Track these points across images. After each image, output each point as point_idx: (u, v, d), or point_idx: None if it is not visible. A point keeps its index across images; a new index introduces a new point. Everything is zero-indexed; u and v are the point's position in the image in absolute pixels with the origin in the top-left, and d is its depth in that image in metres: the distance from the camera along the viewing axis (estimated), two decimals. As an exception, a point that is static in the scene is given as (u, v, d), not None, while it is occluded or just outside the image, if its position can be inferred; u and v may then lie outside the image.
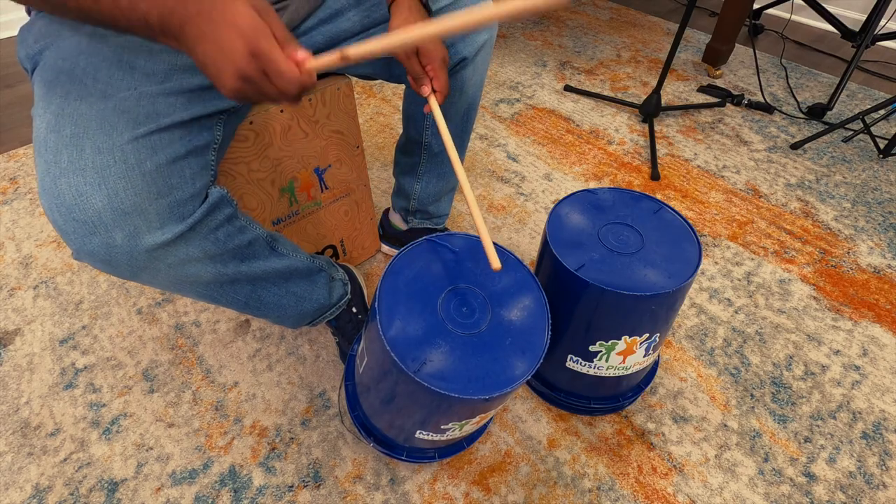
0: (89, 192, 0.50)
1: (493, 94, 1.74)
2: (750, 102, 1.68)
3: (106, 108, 0.53)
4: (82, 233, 0.51)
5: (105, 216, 0.50)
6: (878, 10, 1.47)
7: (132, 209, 0.51)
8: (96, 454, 0.85)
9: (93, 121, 0.52)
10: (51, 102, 0.54)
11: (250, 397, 0.92)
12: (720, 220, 1.28)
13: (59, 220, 0.51)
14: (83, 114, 0.52)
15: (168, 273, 0.57)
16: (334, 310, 0.87)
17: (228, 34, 0.44)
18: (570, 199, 0.79)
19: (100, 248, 0.51)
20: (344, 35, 0.74)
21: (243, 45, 0.44)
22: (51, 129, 0.52)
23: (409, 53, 0.65)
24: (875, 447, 0.87)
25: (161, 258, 0.55)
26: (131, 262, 0.53)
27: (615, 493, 0.81)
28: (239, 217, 0.64)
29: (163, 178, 0.54)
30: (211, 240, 0.59)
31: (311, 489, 0.81)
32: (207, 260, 0.59)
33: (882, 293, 1.11)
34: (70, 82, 0.54)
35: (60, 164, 0.50)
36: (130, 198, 0.51)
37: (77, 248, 0.52)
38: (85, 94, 0.53)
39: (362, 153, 0.96)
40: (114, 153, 0.51)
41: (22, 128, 1.56)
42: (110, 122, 0.52)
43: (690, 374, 0.96)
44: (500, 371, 0.60)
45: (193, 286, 0.62)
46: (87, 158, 0.51)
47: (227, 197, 0.61)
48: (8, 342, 1.01)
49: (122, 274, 0.55)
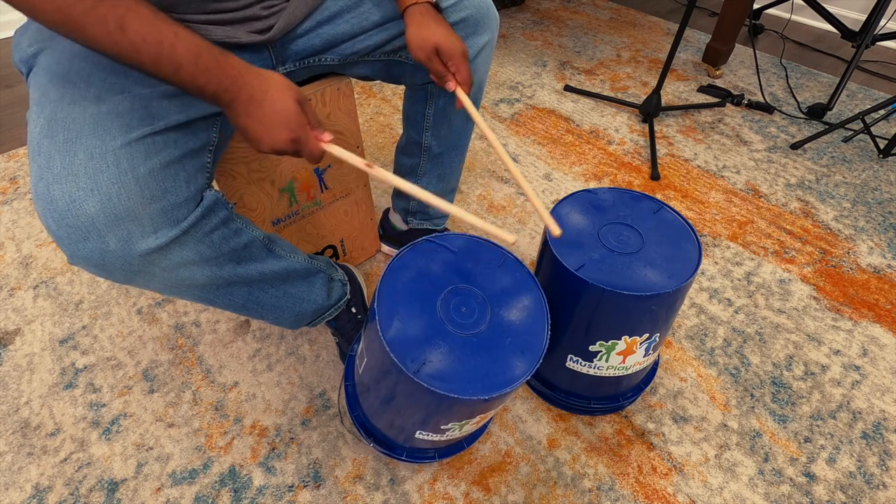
0: (82, 198, 0.50)
1: (493, 94, 1.74)
2: (750, 102, 1.68)
3: (99, 112, 0.53)
4: (76, 238, 0.51)
5: (98, 222, 0.50)
6: (878, 10, 1.47)
7: (125, 214, 0.51)
8: (96, 454, 0.85)
9: (86, 125, 0.52)
10: (44, 107, 0.53)
11: (250, 397, 0.92)
12: (720, 220, 1.28)
13: (53, 226, 0.51)
14: (76, 118, 0.52)
15: (163, 277, 0.57)
16: (333, 310, 0.87)
17: (274, 123, 0.55)
18: (570, 199, 0.79)
19: (93, 254, 0.51)
20: (340, 38, 0.74)
21: (287, 133, 0.56)
22: (44, 134, 0.52)
23: (430, 55, 0.69)
24: (875, 447, 0.87)
25: (155, 262, 0.54)
26: (125, 266, 0.53)
27: (615, 493, 0.81)
28: (235, 220, 0.63)
29: (157, 183, 0.54)
30: (206, 243, 0.58)
31: (311, 489, 0.81)
32: (203, 263, 0.59)
33: (882, 293, 1.11)
34: (64, 86, 0.54)
35: (53, 170, 0.50)
36: (124, 203, 0.51)
37: (71, 254, 0.52)
38: (78, 99, 0.53)
39: (362, 153, 0.96)
40: (106, 158, 0.51)
41: (22, 128, 1.56)
42: (104, 126, 0.52)
43: (690, 374, 0.96)
44: (500, 371, 0.60)
45: (189, 289, 0.61)
46: (80, 164, 0.50)
47: (222, 200, 0.61)
48: (8, 342, 1.01)
49: (117, 278, 0.55)
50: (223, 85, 0.53)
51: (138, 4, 0.48)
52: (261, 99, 0.55)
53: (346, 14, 0.74)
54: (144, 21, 0.48)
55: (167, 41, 0.49)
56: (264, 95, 0.55)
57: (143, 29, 0.48)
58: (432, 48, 0.69)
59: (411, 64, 0.79)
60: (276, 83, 0.56)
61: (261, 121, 0.55)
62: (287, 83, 0.57)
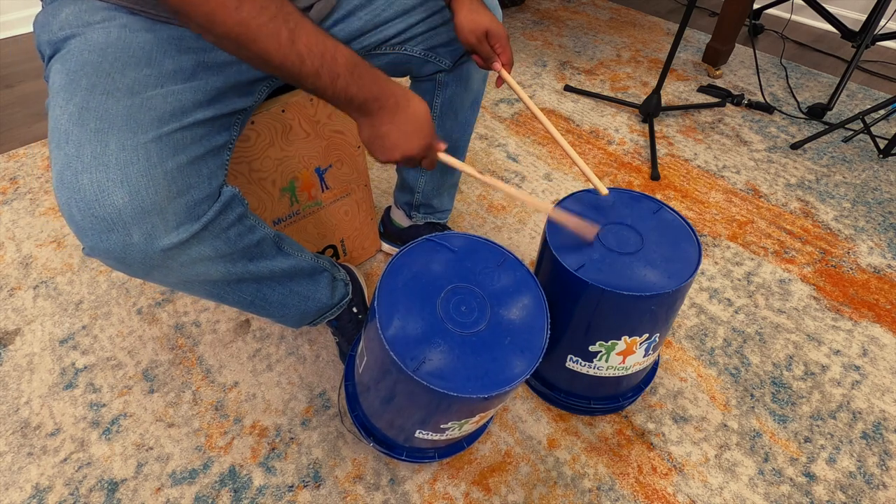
0: (111, 189, 0.50)
1: (494, 94, 1.74)
2: (750, 102, 1.68)
3: (132, 104, 0.53)
4: (99, 229, 0.50)
5: (125, 214, 0.50)
6: (878, 10, 1.47)
7: (152, 208, 0.51)
8: (96, 454, 0.85)
9: (119, 117, 0.52)
10: (74, 94, 0.53)
11: (250, 397, 0.92)
12: (720, 220, 1.28)
13: (77, 216, 0.50)
14: (109, 109, 0.52)
15: (180, 272, 0.57)
16: (336, 310, 0.87)
17: (414, 129, 0.61)
18: (570, 199, 0.79)
19: (116, 246, 0.51)
20: (356, 34, 0.75)
21: (422, 139, 0.62)
22: (74, 121, 0.51)
23: (481, 38, 0.74)
24: (875, 447, 0.87)
25: (174, 257, 0.55)
26: (145, 260, 0.53)
27: (615, 493, 0.81)
28: (249, 216, 0.64)
29: (182, 178, 0.54)
30: (223, 239, 0.59)
31: (311, 489, 0.81)
32: (218, 259, 0.59)
33: (882, 293, 1.11)
34: (96, 75, 0.54)
35: (83, 159, 0.50)
36: (151, 196, 0.51)
37: (91, 245, 0.52)
38: (112, 89, 0.53)
39: (363, 153, 0.96)
40: (137, 151, 0.51)
41: (22, 128, 1.57)
42: (136, 119, 0.52)
43: (690, 374, 0.96)
44: (499, 370, 0.60)
45: (202, 285, 0.62)
46: (111, 154, 0.50)
47: (239, 196, 0.61)
48: (8, 342, 1.01)
49: (135, 272, 0.55)
50: (374, 93, 0.57)
51: (304, 19, 0.52)
52: (405, 107, 0.60)
53: (359, 11, 0.74)
54: (311, 34, 0.52)
55: (329, 53, 0.53)
56: (407, 104, 0.60)
57: (310, 41, 0.52)
58: (483, 32, 0.73)
59: (418, 56, 0.80)
60: (413, 94, 0.61)
61: (401, 127, 0.60)
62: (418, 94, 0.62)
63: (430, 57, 0.80)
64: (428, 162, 0.66)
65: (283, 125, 0.80)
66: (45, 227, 1.24)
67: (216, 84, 0.60)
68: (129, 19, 0.57)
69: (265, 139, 0.79)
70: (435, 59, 0.81)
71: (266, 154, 0.81)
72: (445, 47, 0.80)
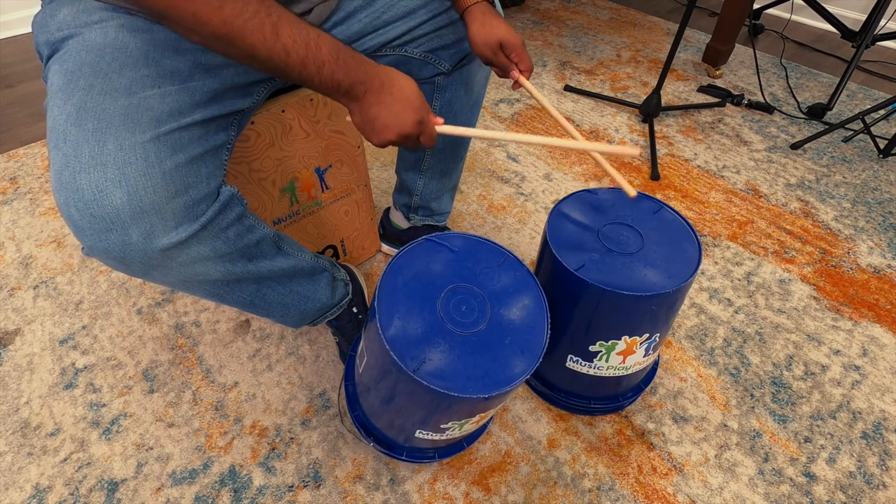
0: (109, 189, 0.50)
1: (493, 94, 1.74)
2: (750, 102, 1.68)
3: (130, 104, 0.53)
4: (98, 229, 0.50)
5: (123, 213, 0.50)
6: (878, 10, 1.47)
7: (150, 208, 0.51)
8: (96, 454, 0.85)
9: (116, 117, 0.52)
10: (72, 94, 0.53)
11: (250, 397, 0.92)
12: (720, 220, 1.28)
13: (76, 216, 0.50)
14: (106, 109, 0.52)
15: (179, 272, 0.57)
16: (336, 309, 0.87)
17: (404, 107, 0.60)
18: (570, 199, 0.79)
19: (114, 246, 0.51)
20: (356, 36, 0.75)
21: (414, 115, 0.61)
22: (72, 122, 0.51)
23: (496, 50, 0.74)
24: (875, 447, 0.87)
25: (173, 257, 0.55)
26: (145, 260, 0.53)
27: (615, 493, 0.81)
28: (248, 216, 0.64)
29: (181, 178, 0.54)
30: (222, 239, 0.59)
31: (311, 489, 0.81)
32: (217, 259, 0.59)
33: (882, 293, 1.11)
34: (94, 76, 0.54)
35: (81, 159, 0.50)
36: (150, 196, 0.51)
37: (91, 245, 0.52)
38: (109, 90, 0.53)
39: (363, 153, 0.96)
40: (136, 150, 0.51)
41: (22, 128, 1.56)
42: (133, 119, 0.52)
43: (690, 374, 0.96)
44: (500, 370, 0.60)
45: (202, 285, 0.62)
46: (109, 154, 0.50)
47: (238, 195, 0.61)
48: (8, 342, 1.01)
49: (134, 272, 0.55)
50: (359, 77, 0.58)
51: (285, 11, 0.52)
52: (390, 86, 0.60)
53: (359, 13, 0.74)
54: (293, 25, 0.53)
55: (313, 42, 0.54)
56: (392, 83, 0.60)
57: (293, 32, 0.52)
58: (497, 44, 0.73)
59: (418, 58, 0.80)
60: (398, 73, 0.62)
61: (390, 107, 0.60)
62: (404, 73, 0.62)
63: (429, 59, 0.80)
64: (426, 138, 0.64)
65: (282, 125, 0.80)
66: (45, 227, 1.24)
67: (213, 86, 0.60)
68: (126, 20, 0.57)
69: (265, 139, 0.79)
70: (434, 62, 0.81)
71: (266, 154, 0.81)
72: (446, 50, 0.80)
